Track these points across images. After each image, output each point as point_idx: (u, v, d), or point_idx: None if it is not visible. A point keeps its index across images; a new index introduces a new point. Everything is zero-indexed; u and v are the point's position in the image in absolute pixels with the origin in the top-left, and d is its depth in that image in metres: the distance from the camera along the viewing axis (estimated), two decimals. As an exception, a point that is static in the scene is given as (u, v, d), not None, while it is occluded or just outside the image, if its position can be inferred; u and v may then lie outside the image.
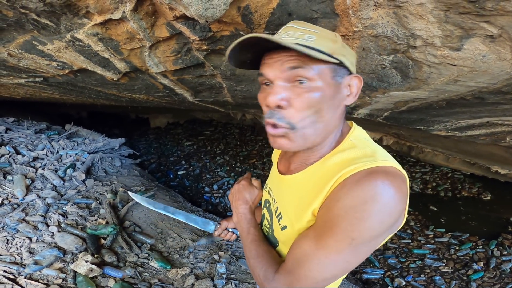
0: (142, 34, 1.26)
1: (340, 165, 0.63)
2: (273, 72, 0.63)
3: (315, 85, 0.62)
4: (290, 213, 0.72)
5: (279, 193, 0.80)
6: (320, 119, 0.64)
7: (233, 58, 0.66)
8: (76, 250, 2.08)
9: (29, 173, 2.84)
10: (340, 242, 0.57)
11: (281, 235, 0.75)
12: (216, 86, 2.07)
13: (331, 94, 0.64)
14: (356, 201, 0.55)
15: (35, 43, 1.40)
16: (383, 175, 0.56)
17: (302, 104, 0.62)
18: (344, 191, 0.57)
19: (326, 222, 0.59)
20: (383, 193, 0.54)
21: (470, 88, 1.24)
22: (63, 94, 2.87)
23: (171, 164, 5.44)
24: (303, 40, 0.61)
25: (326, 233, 0.58)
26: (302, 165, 0.74)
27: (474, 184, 4.08)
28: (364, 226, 0.55)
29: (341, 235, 0.56)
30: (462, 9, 0.81)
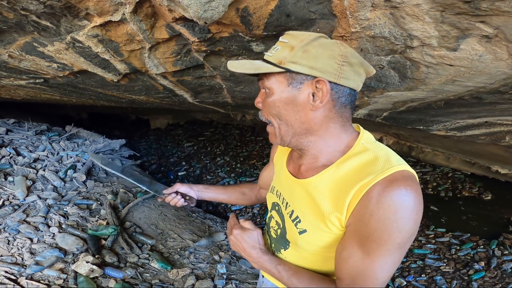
0: (141, 35, 1.27)
1: (358, 172, 0.66)
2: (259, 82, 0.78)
3: (271, 92, 0.73)
4: (309, 217, 0.74)
5: (292, 196, 0.81)
6: (284, 122, 0.74)
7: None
8: (77, 251, 2.08)
9: (30, 174, 2.85)
10: (390, 249, 0.62)
11: (299, 238, 0.77)
12: (215, 87, 2.08)
13: (286, 99, 0.72)
14: (389, 212, 0.59)
15: (36, 45, 1.41)
16: (403, 181, 0.61)
17: (265, 108, 0.76)
18: (374, 204, 0.61)
19: (369, 236, 0.62)
20: (409, 199, 0.60)
21: (467, 88, 1.24)
22: (63, 96, 2.88)
23: (172, 165, 5.44)
24: (269, 54, 0.73)
25: (374, 247, 0.62)
26: (312, 169, 0.77)
27: (474, 184, 4.07)
28: (404, 230, 0.60)
29: (388, 244, 0.61)
30: (458, 9, 0.82)
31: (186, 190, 1.13)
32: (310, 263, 0.81)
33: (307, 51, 0.67)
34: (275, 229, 0.89)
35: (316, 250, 0.76)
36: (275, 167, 0.98)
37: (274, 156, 1.02)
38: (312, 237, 0.74)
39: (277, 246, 0.88)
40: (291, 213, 0.79)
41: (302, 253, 0.80)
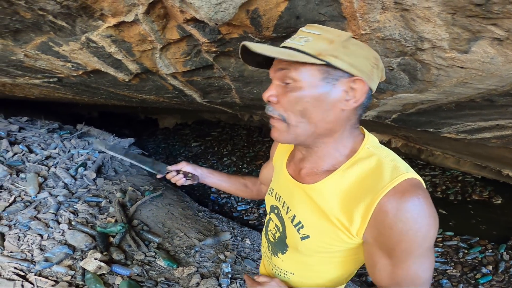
0: (153, 36, 1.29)
1: (365, 179, 0.65)
2: (271, 72, 0.70)
3: (298, 85, 0.65)
4: (313, 223, 0.72)
5: (293, 200, 0.77)
6: (307, 120, 0.67)
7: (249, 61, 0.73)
8: (86, 248, 2.12)
9: (41, 171, 2.90)
10: (422, 253, 0.62)
11: (300, 244, 0.75)
12: (224, 88, 2.10)
13: (318, 95, 0.64)
14: (409, 224, 0.60)
15: (51, 45, 1.44)
16: (414, 191, 0.60)
17: (286, 103, 0.67)
18: (391, 218, 0.60)
19: (395, 248, 0.62)
20: (423, 207, 0.60)
21: (479, 90, 1.23)
22: (76, 95, 2.94)
23: (179, 164, 5.49)
24: (297, 43, 0.65)
25: (405, 255, 0.62)
26: (314, 173, 0.74)
27: (485, 188, 4.01)
28: (429, 235, 0.61)
29: (418, 250, 0.62)
30: (469, 12, 0.81)
31: (190, 170, 1.10)
32: (308, 267, 0.80)
33: (346, 47, 0.64)
34: (273, 232, 0.87)
35: (316, 255, 0.75)
36: (275, 168, 0.94)
37: (273, 155, 0.98)
38: (315, 243, 0.72)
39: (275, 249, 0.87)
40: (293, 218, 0.77)
41: (300, 257, 0.79)
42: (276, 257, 0.86)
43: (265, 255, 0.96)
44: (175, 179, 1.09)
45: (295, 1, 1.01)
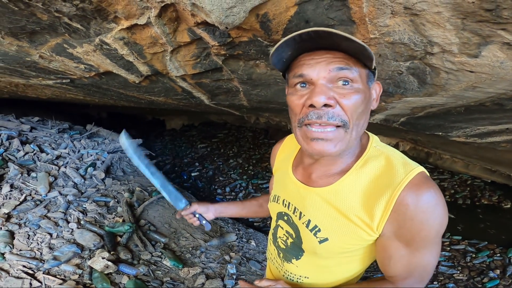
0: (165, 38, 1.31)
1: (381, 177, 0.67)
2: (316, 72, 0.63)
3: (357, 86, 0.64)
4: (331, 225, 0.72)
5: (306, 205, 0.76)
6: (360, 122, 0.66)
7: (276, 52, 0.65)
8: (94, 247, 2.14)
9: (52, 170, 2.95)
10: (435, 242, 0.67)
11: (319, 247, 0.75)
12: (232, 90, 2.11)
13: (367, 97, 0.66)
14: (427, 214, 0.63)
15: (66, 46, 1.48)
16: (427, 183, 0.64)
17: (349, 104, 0.63)
18: (412, 210, 0.63)
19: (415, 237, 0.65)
20: (437, 197, 0.64)
21: (489, 95, 1.22)
22: (87, 95, 2.99)
23: (185, 165, 5.53)
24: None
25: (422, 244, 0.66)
26: (327, 176, 0.74)
27: (494, 192, 3.96)
28: (443, 223, 0.65)
29: (433, 239, 0.66)
30: (479, 17, 0.81)
31: (203, 211, 1.12)
32: (326, 269, 0.80)
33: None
34: (283, 239, 0.86)
35: (337, 256, 0.76)
36: (277, 175, 0.93)
37: (274, 164, 0.97)
38: (335, 244, 0.73)
39: (287, 256, 0.86)
40: (307, 222, 0.76)
41: (318, 261, 0.79)
42: (290, 263, 0.86)
43: (274, 262, 0.94)
44: (191, 221, 1.12)
45: (305, 5, 1.02)
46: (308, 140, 0.66)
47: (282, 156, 0.94)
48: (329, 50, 0.63)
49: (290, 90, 0.69)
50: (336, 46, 0.62)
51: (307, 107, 0.64)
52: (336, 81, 0.63)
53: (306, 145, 0.67)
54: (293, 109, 0.68)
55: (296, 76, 0.66)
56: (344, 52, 0.63)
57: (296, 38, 0.61)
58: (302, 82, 0.66)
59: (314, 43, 0.62)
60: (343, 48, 0.62)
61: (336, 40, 0.60)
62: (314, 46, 0.63)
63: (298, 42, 0.62)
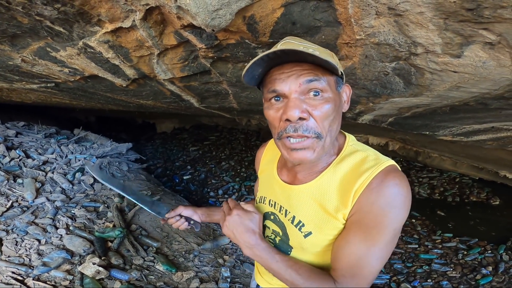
0: (151, 41, 1.30)
1: (355, 170, 0.72)
2: (288, 86, 0.67)
3: (327, 96, 0.68)
4: (314, 219, 0.76)
5: (291, 203, 0.81)
6: (333, 128, 0.71)
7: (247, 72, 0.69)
8: (84, 253, 2.11)
9: (39, 176, 2.90)
10: (387, 235, 0.67)
11: (305, 242, 0.78)
12: (222, 93, 2.11)
13: (337, 103, 0.71)
14: (388, 199, 0.66)
15: (49, 50, 1.45)
16: (394, 173, 0.68)
17: (320, 115, 0.67)
18: (375, 194, 0.66)
19: (369, 223, 0.67)
20: (402, 188, 0.67)
21: (472, 94, 1.25)
22: (73, 100, 2.94)
23: (177, 169, 5.48)
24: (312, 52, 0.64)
25: (374, 233, 0.67)
26: (310, 174, 0.79)
27: (482, 189, 4.03)
28: (400, 217, 0.67)
29: (386, 229, 0.66)
30: (461, 17, 0.83)
31: (189, 214, 1.09)
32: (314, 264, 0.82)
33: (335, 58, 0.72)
34: (271, 238, 0.89)
35: (321, 249, 0.78)
36: (262, 177, 0.97)
37: (259, 167, 1.01)
38: (318, 237, 0.76)
39: None
40: (293, 219, 0.80)
41: (305, 255, 0.81)
42: None
43: None
44: (176, 224, 1.07)
45: (291, 7, 1.02)
46: (288, 150, 0.71)
47: (266, 159, 0.98)
48: (297, 63, 0.67)
49: (266, 104, 0.74)
50: (303, 60, 0.66)
51: (283, 121, 0.69)
52: (307, 92, 0.67)
53: (287, 155, 0.72)
54: (272, 123, 0.73)
55: (270, 92, 0.70)
56: (310, 63, 0.67)
57: (264, 58, 0.65)
58: (276, 96, 0.70)
59: (282, 59, 0.67)
60: (309, 61, 0.66)
61: (301, 56, 0.64)
62: (284, 60, 0.67)
63: (266, 61, 0.66)
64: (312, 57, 0.62)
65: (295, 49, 0.62)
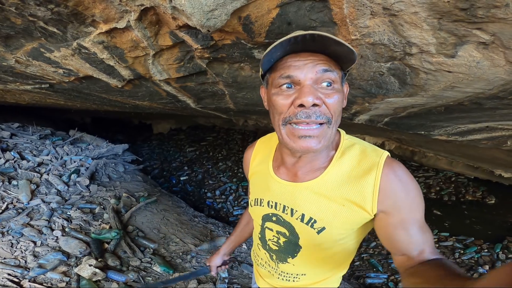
0: (146, 42, 1.29)
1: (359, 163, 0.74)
2: (304, 74, 0.67)
3: (337, 87, 0.70)
4: (326, 214, 0.76)
5: (298, 201, 0.79)
6: (338, 119, 0.73)
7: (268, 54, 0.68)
8: (80, 254, 2.10)
9: (34, 178, 2.88)
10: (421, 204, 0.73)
11: (318, 238, 0.78)
12: (218, 93, 2.10)
13: (342, 97, 0.73)
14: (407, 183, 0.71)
15: (43, 50, 1.44)
16: (394, 161, 0.73)
17: (332, 103, 0.69)
18: (399, 184, 0.71)
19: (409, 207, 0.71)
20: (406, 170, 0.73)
21: (467, 94, 1.25)
22: (68, 100, 2.92)
23: (174, 169, 5.47)
24: None
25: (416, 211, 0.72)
26: (313, 170, 0.78)
27: (478, 188, 4.06)
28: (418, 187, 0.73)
29: (419, 201, 0.72)
30: (455, 17, 0.83)
31: (219, 261, 1.27)
32: (326, 259, 0.83)
33: None
34: (274, 240, 0.87)
35: (335, 243, 0.79)
36: (253, 179, 0.94)
37: (249, 169, 0.97)
38: (333, 231, 0.76)
39: (282, 256, 0.87)
40: (302, 217, 0.78)
41: (316, 254, 0.82)
42: (285, 263, 0.87)
43: (267, 267, 0.94)
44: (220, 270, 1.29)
45: (287, 7, 1.02)
46: (295, 138, 0.69)
47: (257, 160, 0.95)
48: (313, 53, 0.67)
49: (275, 90, 0.71)
50: (323, 50, 0.66)
51: (295, 107, 0.67)
52: (321, 82, 0.67)
53: (293, 143, 0.70)
54: (278, 109, 0.71)
55: (283, 77, 0.68)
56: (328, 55, 0.68)
57: (292, 40, 0.64)
58: (289, 83, 0.68)
59: (304, 45, 0.65)
60: (329, 52, 0.67)
61: (325, 44, 0.64)
62: (302, 48, 0.67)
63: (292, 43, 0.65)
64: (336, 45, 0.64)
65: (325, 35, 0.62)
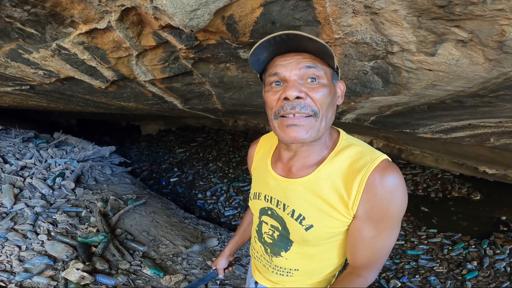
0: (128, 43, 1.27)
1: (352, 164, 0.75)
2: (288, 71, 0.72)
3: (323, 82, 0.73)
4: (314, 212, 0.78)
5: (290, 197, 0.82)
6: (327, 114, 0.75)
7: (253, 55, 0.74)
8: (67, 258, 2.06)
9: (17, 182, 2.81)
10: (396, 223, 0.74)
11: (306, 235, 0.80)
12: (205, 94, 2.08)
13: (332, 93, 0.75)
14: (393, 193, 0.71)
15: (21, 52, 1.40)
16: (391, 167, 0.72)
17: (317, 96, 0.72)
18: (380, 190, 0.71)
19: (379, 217, 0.72)
20: (401, 179, 0.72)
21: (448, 92, 1.28)
22: (50, 102, 2.85)
23: (164, 171, 5.41)
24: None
25: (385, 225, 0.73)
26: (306, 167, 0.81)
27: (463, 185, 4.13)
28: (405, 203, 0.73)
29: (395, 219, 0.73)
30: (433, 14, 0.84)
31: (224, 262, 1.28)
32: (315, 257, 0.85)
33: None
34: (269, 234, 0.89)
35: (323, 241, 0.81)
36: (255, 173, 0.98)
37: (252, 164, 1.02)
38: (320, 230, 0.78)
39: (275, 249, 0.90)
40: (292, 212, 0.81)
41: (307, 249, 0.84)
42: (279, 257, 0.90)
43: (262, 260, 0.97)
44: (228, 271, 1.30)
45: (270, 6, 1.02)
46: (284, 127, 0.74)
47: (259, 155, 0.99)
48: (298, 53, 0.73)
49: (267, 88, 0.78)
50: (303, 48, 0.72)
51: (281, 100, 0.73)
52: (306, 78, 0.72)
53: (282, 134, 0.75)
54: (269, 104, 0.77)
55: (272, 75, 0.75)
56: (310, 53, 0.73)
57: (271, 41, 0.70)
58: (277, 80, 0.74)
59: (285, 45, 0.72)
60: (309, 50, 0.72)
61: (303, 42, 0.69)
62: (285, 48, 0.73)
63: (272, 44, 0.71)
64: (311, 42, 0.68)
65: (297, 33, 0.67)
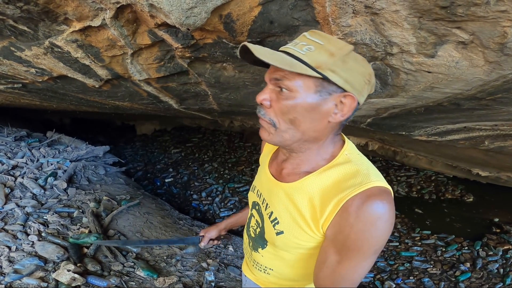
0: (123, 41, 1.25)
1: (339, 183, 0.69)
2: (267, 76, 0.71)
3: (293, 95, 0.66)
4: (287, 220, 0.76)
5: (272, 198, 0.81)
6: (296, 128, 0.69)
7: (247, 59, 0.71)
8: (58, 259, 2.02)
9: (8, 181, 2.75)
10: (366, 256, 0.66)
11: (277, 239, 0.79)
12: (201, 94, 2.06)
13: (309, 106, 0.66)
14: (368, 225, 0.63)
15: (13, 49, 1.37)
16: (379, 195, 0.64)
17: (278, 109, 0.69)
18: (353, 217, 0.64)
19: (350, 246, 0.65)
20: (384, 211, 0.63)
21: (446, 95, 1.28)
22: (43, 101, 2.81)
23: (158, 171, 5.36)
24: (298, 50, 0.64)
25: (354, 254, 0.66)
26: (295, 173, 0.78)
27: (457, 187, 4.18)
28: (380, 239, 0.65)
29: (366, 252, 0.65)
30: (435, 15, 0.84)
31: (215, 234, 1.24)
32: (286, 262, 0.84)
33: (345, 62, 0.64)
34: (254, 228, 0.90)
35: (293, 250, 0.79)
36: (259, 167, 0.98)
37: (260, 157, 1.02)
38: (289, 238, 0.76)
39: (255, 245, 0.91)
40: (270, 214, 0.81)
41: (279, 252, 0.83)
42: (257, 252, 0.90)
43: (247, 252, 0.99)
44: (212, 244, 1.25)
45: (269, 5, 1.00)
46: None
47: (266, 150, 0.99)
48: None
49: None
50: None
51: None
52: (278, 86, 0.69)
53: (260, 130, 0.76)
54: None
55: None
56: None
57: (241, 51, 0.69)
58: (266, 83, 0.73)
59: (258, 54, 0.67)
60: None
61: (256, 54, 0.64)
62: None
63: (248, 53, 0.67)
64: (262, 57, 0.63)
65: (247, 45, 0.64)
